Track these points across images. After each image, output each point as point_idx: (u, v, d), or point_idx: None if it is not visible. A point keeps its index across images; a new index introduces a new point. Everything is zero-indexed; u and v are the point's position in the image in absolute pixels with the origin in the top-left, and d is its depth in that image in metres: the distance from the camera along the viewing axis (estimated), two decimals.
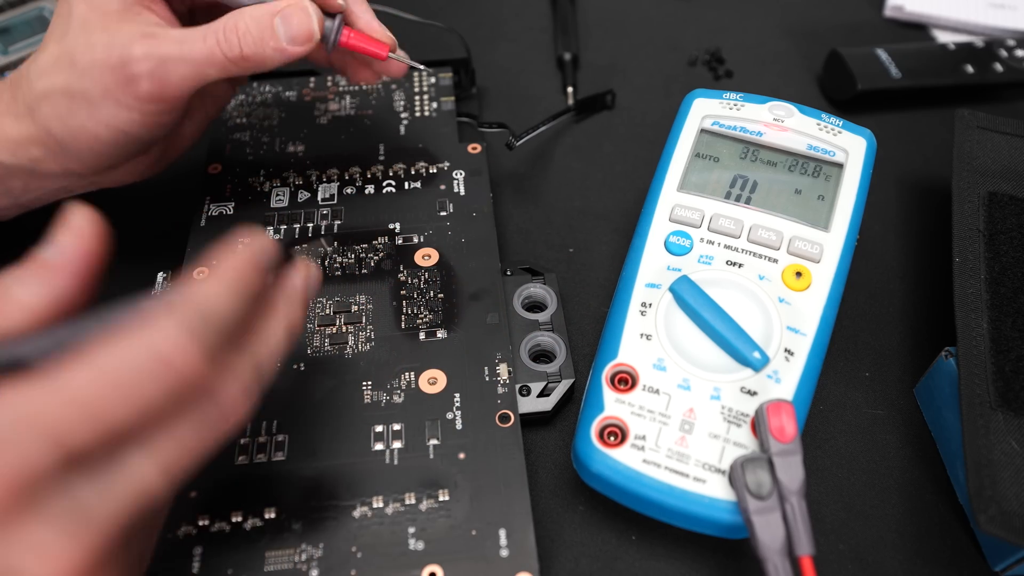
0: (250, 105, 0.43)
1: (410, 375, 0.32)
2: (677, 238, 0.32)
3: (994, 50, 0.49)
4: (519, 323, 0.34)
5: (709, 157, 0.35)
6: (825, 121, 0.35)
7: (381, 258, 0.36)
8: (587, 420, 0.29)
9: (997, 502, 0.27)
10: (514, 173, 0.44)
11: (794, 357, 0.29)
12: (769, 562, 0.24)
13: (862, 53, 0.48)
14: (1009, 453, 0.28)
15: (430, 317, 0.33)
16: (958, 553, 0.30)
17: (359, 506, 0.28)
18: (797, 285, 0.31)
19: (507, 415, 0.30)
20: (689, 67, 0.51)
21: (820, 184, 0.34)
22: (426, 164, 0.40)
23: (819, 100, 0.49)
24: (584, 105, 0.47)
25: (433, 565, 0.27)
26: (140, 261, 0.37)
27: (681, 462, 0.27)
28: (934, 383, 0.33)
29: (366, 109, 0.43)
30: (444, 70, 0.44)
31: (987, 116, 0.39)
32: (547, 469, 0.32)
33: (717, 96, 0.36)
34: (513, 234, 0.41)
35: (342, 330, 0.33)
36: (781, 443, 0.26)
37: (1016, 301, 0.32)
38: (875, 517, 0.31)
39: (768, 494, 0.25)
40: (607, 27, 0.54)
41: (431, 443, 0.30)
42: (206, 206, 0.38)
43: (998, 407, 0.29)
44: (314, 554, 0.27)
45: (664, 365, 0.29)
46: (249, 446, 0.30)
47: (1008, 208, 0.35)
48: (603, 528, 0.31)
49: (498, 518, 0.28)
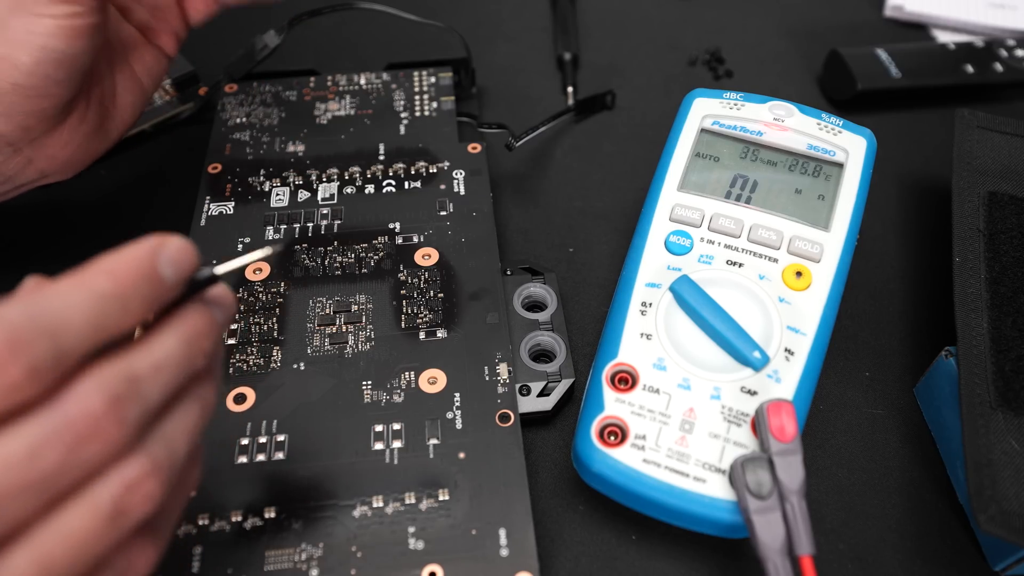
0: (250, 105, 0.43)
1: (410, 375, 0.32)
2: (677, 238, 0.32)
3: (994, 50, 0.49)
4: (519, 323, 0.34)
5: (709, 157, 0.35)
6: (825, 121, 0.35)
7: (381, 258, 0.36)
8: (587, 420, 0.29)
9: (997, 502, 0.27)
10: (514, 173, 0.44)
11: (794, 357, 0.29)
12: (769, 562, 0.24)
13: (862, 53, 0.48)
14: (1009, 453, 0.28)
15: (430, 317, 0.33)
16: (958, 553, 0.30)
17: (359, 506, 0.28)
18: (797, 285, 0.31)
19: (507, 415, 0.30)
20: (689, 67, 0.51)
21: (820, 184, 0.34)
22: (426, 164, 0.40)
23: (819, 100, 0.49)
24: (584, 105, 0.47)
25: (433, 565, 0.27)
26: None
27: (681, 462, 0.27)
28: (934, 383, 0.33)
29: (366, 109, 0.43)
30: (444, 70, 0.45)
31: (987, 116, 0.39)
32: (547, 469, 0.32)
33: (717, 96, 0.36)
34: (513, 234, 0.41)
35: (342, 330, 0.33)
36: (781, 443, 0.26)
37: (1016, 301, 0.32)
38: (875, 517, 0.31)
39: (768, 494, 0.25)
40: (607, 27, 0.54)
41: (431, 443, 0.30)
42: (206, 206, 0.38)
43: (998, 407, 0.29)
44: (314, 554, 0.27)
45: (664, 365, 0.29)
46: (249, 446, 0.30)
47: (1008, 208, 0.35)
48: (603, 528, 0.31)
49: (498, 518, 0.28)
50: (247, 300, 0.34)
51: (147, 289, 0.19)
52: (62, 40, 0.29)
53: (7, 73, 0.29)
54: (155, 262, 0.20)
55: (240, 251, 0.36)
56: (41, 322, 0.17)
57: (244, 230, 0.37)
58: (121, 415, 0.18)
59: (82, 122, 0.33)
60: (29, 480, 0.17)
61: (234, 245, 0.36)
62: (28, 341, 0.17)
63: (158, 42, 0.37)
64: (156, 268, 0.20)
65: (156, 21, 0.36)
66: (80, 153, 0.34)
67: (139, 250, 0.20)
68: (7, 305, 0.18)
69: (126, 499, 0.19)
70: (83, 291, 0.18)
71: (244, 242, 0.36)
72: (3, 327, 0.17)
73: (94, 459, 0.18)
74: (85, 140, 0.33)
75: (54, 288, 0.18)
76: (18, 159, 0.32)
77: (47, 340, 0.17)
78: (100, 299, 0.18)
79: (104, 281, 0.19)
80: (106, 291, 0.19)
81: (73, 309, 0.18)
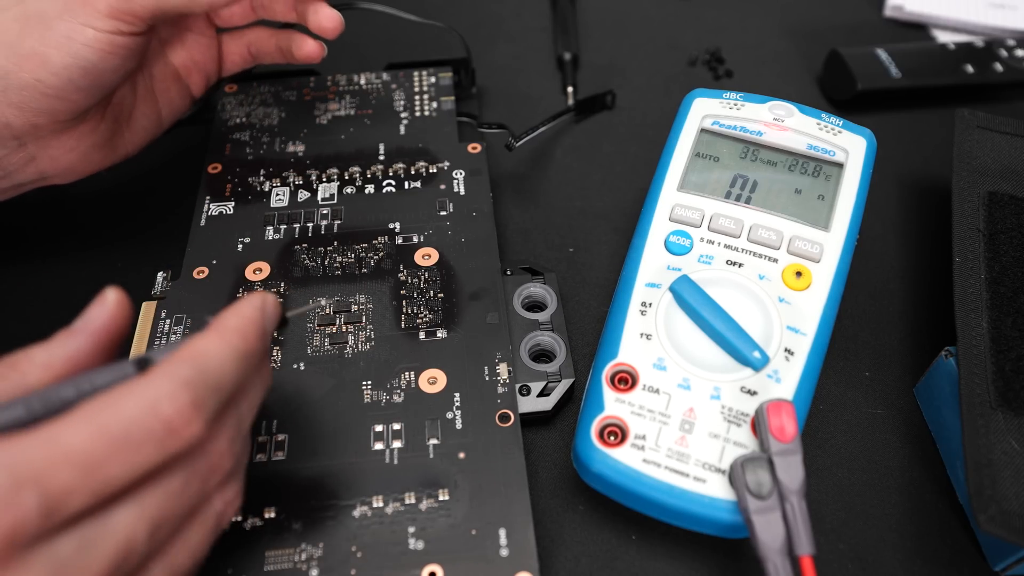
0: (250, 105, 0.43)
1: (410, 375, 0.32)
2: (677, 238, 0.32)
3: (994, 50, 0.49)
4: (519, 323, 0.34)
5: (709, 157, 0.35)
6: (825, 121, 0.35)
7: (381, 258, 0.36)
8: (587, 420, 0.29)
9: (997, 502, 0.27)
10: (514, 173, 0.44)
11: (794, 357, 0.29)
12: (769, 562, 0.24)
13: (862, 53, 0.48)
14: (1009, 453, 0.28)
15: (430, 317, 0.33)
16: (958, 553, 0.30)
17: (359, 506, 0.28)
18: (797, 285, 0.31)
19: (507, 415, 0.30)
20: (689, 67, 0.51)
21: (820, 184, 0.34)
22: (426, 164, 0.40)
23: (819, 100, 0.49)
24: (584, 105, 0.47)
25: (433, 565, 0.27)
26: (140, 261, 0.37)
27: (681, 462, 0.27)
28: (934, 383, 0.33)
29: (366, 109, 0.43)
30: (444, 70, 0.45)
31: (987, 116, 0.39)
32: (547, 469, 0.32)
33: (717, 96, 0.36)
34: (513, 234, 0.41)
35: (342, 330, 0.33)
36: (781, 443, 0.26)
37: (1016, 301, 0.32)
38: (875, 517, 0.31)
39: (768, 494, 0.25)
40: (607, 27, 0.54)
41: (431, 443, 0.30)
42: (206, 206, 0.38)
43: (998, 407, 0.29)
44: (314, 554, 0.27)
45: (664, 365, 0.29)
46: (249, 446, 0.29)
47: (1008, 208, 0.35)
48: (603, 528, 0.31)
49: (498, 518, 0.28)
50: None
51: (264, 345, 0.24)
52: (97, 53, 0.30)
53: (34, 68, 0.30)
54: (264, 320, 0.24)
55: (240, 251, 0.36)
56: (210, 382, 0.21)
57: (244, 230, 0.37)
58: (233, 450, 0.23)
59: (92, 132, 0.34)
60: (183, 509, 0.21)
61: (234, 245, 0.36)
62: (204, 400, 0.20)
63: (188, 80, 0.38)
64: (265, 325, 0.24)
65: (193, 62, 0.38)
66: (83, 162, 0.34)
67: (252, 311, 0.23)
68: (179, 364, 0.20)
69: (225, 514, 0.23)
70: (228, 350, 0.22)
71: (244, 242, 0.36)
72: (186, 388, 0.20)
73: (212, 489, 0.22)
74: (90, 150, 0.34)
75: (207, 347, 0.21)
76: (21, 154, 0.32)
77: (216, 397, 0.21)
78: (240, 357, 0.22)
79: (239, 341, 0.22)
80: (241, 349, 0.22)
81: (226, 368, 0.21)
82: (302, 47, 0.39)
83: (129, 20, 0.30)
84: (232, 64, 0.40)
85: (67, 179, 0.34)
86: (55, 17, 0.30)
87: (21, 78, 0.30)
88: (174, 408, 0.20)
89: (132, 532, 0.19)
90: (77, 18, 0.30)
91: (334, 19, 0.37)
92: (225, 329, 0.22)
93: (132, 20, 0.31)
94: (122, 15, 0.30)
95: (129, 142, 0.36)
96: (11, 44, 0.30)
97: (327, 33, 0.37)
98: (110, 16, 0.30)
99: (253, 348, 0.23)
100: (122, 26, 0.30)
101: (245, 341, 0.22)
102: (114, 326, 0.23)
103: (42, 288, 0.37)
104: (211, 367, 0.21)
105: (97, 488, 0.18)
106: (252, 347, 0.23)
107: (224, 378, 0.21)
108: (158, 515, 0.20)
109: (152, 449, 0.19)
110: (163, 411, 0.19)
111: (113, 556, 0.19)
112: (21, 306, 0.37)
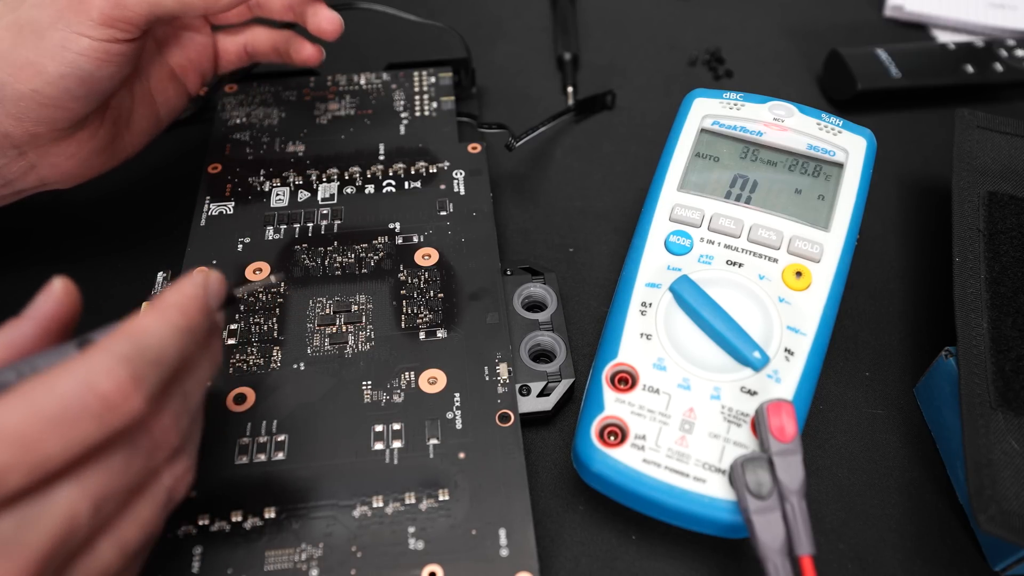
0: (250, 105, 0.43)
1: (410, 375, 0.32)
2: (677, 238, 0.32)
3: (994, 50, 0.49)
4: (519, 323, 0.34)
5: (709, 157, 0.35)
6: (825, 121, 0.35)
7: (381, 258, 0.36)
8: (587, 420, 0.29)
9: (997, 502, 0.27)
10: (514, 173, 0.44)
11: (794, 357, 0.29)
12: (769, 562, 0.24)
13: (862, 53, 0.48)
14: (1009, 453, 0.28)
15: (430, 317, 0.33)
16: (958, 553, 0.30)
17: (359, 506, 0.28)
18: (797, 285, 0.31)
19: (507, 415, 0.30)
20: (689, 67, 0.51)
21: (820, 184, 0.34)
22: (426, 164, 0.40)
23: (819, 100, 0.49)
24: (584, 105, 0.47)
25: (433, 565, 0.27)
26: (140, 261, 0.37)
27: (681, 462, 0.27)
28: (934, 383, 0.33)
29: (366, 109, 0.43)
30: (444, 70, 0.45)
31: (987, 116, 0.39)
32: (547, 469, 0.32)
33: (717, 96, 0.36)
34: (513, 234, 0.41)
35: (342, 330, 0.33)
36: (781, 443, 0.26)
37: (1016, 301, 0.32)
38: (875, 517, 0.31)
39: (768, 494, 0.25)
40: (607, 27, 0.54)
41: (431, 443, 0.30)
42: (206, 206, 0.38)
43: (998, 407, 0.29)
44: (314, 554, 0.27)
45: (664, 365, 0.29)
46: (249, 446, 0.29)
47: (1008, 208, 0.35)
48: (603, 528, 0.31)
49: (498, 518, 0.28)
50: (247, 300, 0.34)
51: (207, 321, 0.23)
52: (92, 61, 0.30)
53: (30, 79, 0.30)
54: (207, 296, 0.23)
55: (240, 251, 0.36)
56: (149, 356, 0.21)
57: (244, 230, 0.37)
58: (179, 426, 0.22)
59: (92, 138, 0.33)
60: (127, 484, 0.21)
61: (234, 245, 0.36)
62: (144, 375, 0.20)
63: (184, 79, 0.38)
64: (208, 302, 0.23)
65: (189, 61, 0.37)
66: (83, 167, 0.34)
67: (193, 288, 0.23)
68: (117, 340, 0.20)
69: (176, 489, 0.23)
70: (168, 326, 0.22)
71: (244, 242, 0.36)
72: (124, 363, 0.20)
73: (161, 463, 0.22)
74: (91, 155, 0.34)
75: (145, 324, 0.21)
76: (21, 163, 0.32)
77: (156, 372, 0.21)
78: (181, 332, 0.22)
79: (179, 317, 0.22)
80: (181, 325, 0.22)
81: (166, 343, 0.21)
82: (300, 51, 0.39)
83: (123, 27, 0.30)
84: (228, 63, 0.39)
85: (68, 184, 0.34)
86: (48, 26, 0.29)
87: (17, 89, 0.30)
88: (112, 383, 0.19)
89: (74, 509, 0.19)
90: (71, 27, 0.29)
91: (334, 21, 0.37)
92: (165, 306, 0.22)
93: (126, 27, 0.30)
94: (116, 22, 0.30)
95: (129, 144, 0.36)
96: (5, 54, 0.29)
97: (326, 35, 0.37)
98: (104, 24, 0.30)
99: (195, 324, 0.22)
100: (117, 33, 0.30)
101: (185, 316, 0.22)
102: (60, 313, 0.23)
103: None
104: (150, 342, 0.21)
105: (35, 465, 0.18)
106: (194, 323, 0.22)
107: (164, 353, 0.21)
108: (101, 491, 0.20)
109: (90, 425, 0.19)
110: (100, 386, 0.19)
111: (55, 533, 0.19)
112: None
